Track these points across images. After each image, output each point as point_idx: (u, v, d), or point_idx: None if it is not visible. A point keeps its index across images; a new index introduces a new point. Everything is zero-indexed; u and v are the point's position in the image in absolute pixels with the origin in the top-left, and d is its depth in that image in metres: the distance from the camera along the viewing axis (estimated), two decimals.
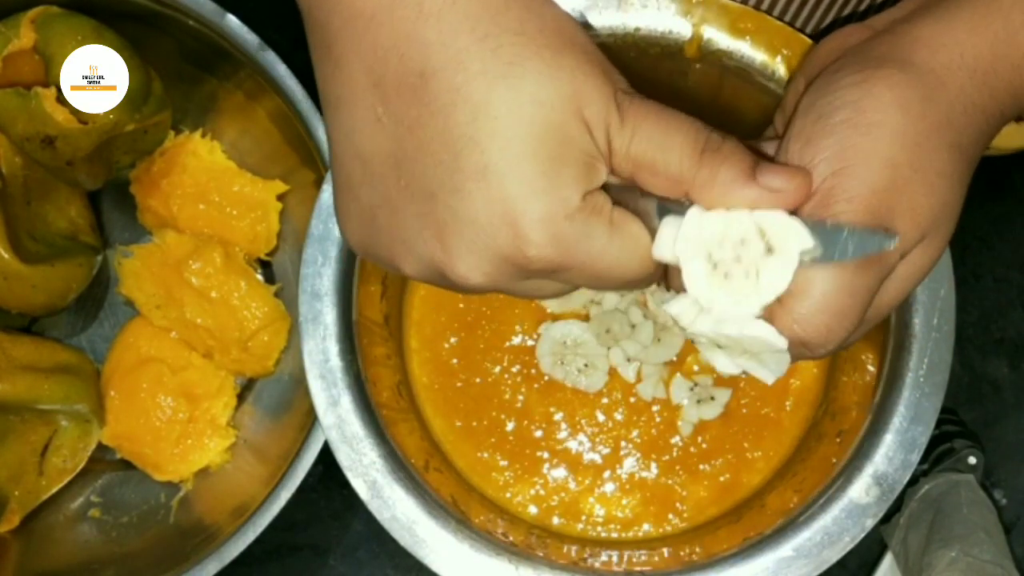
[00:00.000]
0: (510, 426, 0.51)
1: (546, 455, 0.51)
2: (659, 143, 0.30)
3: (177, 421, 0.57)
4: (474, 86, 0.28)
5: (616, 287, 0.31)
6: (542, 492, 0.51)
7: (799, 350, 0.32)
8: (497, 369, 0.51)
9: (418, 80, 0.28)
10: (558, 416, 0.51)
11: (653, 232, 0.31)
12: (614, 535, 0.50)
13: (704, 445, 0.51)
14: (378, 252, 0.32)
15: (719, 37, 0.45)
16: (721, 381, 0.51)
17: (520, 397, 0.51)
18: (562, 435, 0.51)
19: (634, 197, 0.31)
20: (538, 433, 0.51)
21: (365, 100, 0.30)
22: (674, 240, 0.31)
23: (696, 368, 0.51)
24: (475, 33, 0.28)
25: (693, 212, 0.31)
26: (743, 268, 0.30)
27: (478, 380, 0.51)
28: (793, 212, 0.31)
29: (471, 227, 0.29)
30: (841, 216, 0.31)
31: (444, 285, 0.31)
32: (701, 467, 0.50)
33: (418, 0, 0.28)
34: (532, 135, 0.28)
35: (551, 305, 0.52)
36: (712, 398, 0.50)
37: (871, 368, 0.46)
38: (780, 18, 0.46)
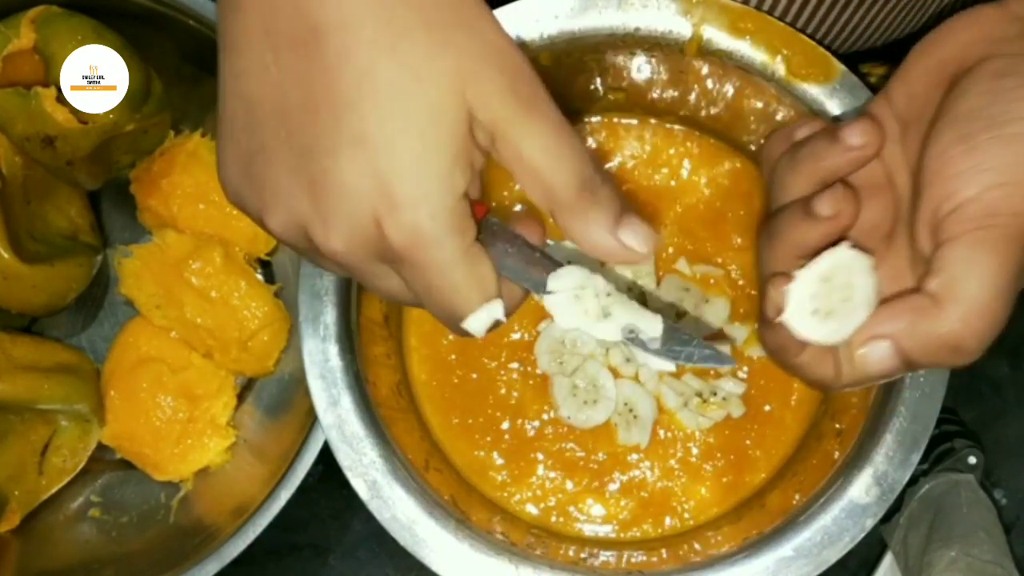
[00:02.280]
0: (506, 424, 0.51)
1: (541, 456, 0.51)
2: (554, 156, 0.30)
3: (177, 421, 0.57)
4: (362, 52, 0.28)
5: (440, 312, 0.31)
6: (540, 492, 0.51)
7: (950, 356, 0.32)
8: (494, 365, 0.51)
9: (310, 36, 0.29)
10: (555, 415, 0.51)
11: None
12: (613, 535, 0.50)
13: (706, 445, 0.51)
14: (247, 200, 0.32)
15: (719, 37, 0.45)
16: (716, 376, 0.51)
17: (515, 394, 0.51)
18: (559, 433, 0.51)
19: (500, 252, 0.32)
20: (533, 432, 0.51)
21: (257, 46, 0.30)
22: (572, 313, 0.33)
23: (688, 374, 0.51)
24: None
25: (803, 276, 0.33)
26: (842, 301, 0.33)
27: (475, 376, 0.51)
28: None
29: (340, 190, 0.29)
30: (999, 230, 0.31)
31: (303, 248, 0.31)
32: (704, 467, 0.50)
33: None
34: (410, 111, 0.28)
35: None
36: (712, 398, 0.50)
37: None
38: (780, 19, 0.46)
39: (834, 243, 0.34)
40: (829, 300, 0.33)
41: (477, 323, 0.32)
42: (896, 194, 0.35)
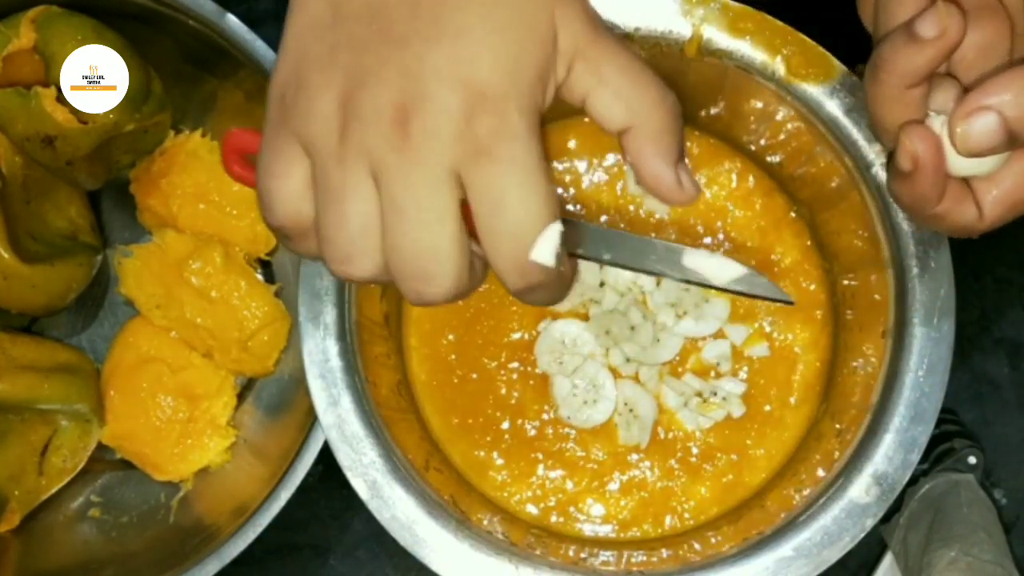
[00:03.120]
0: (506, 424, 0.51)
1: (541, 456, 0.51)
2: (633, 76, 0.32)
3: (177, 421, 0.57)
4: None
5: (509, 223, 0.29)
6: (540, 492, 0.51)
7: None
8: (494, 365, 0.51)
9: None
10: (555, 415, 0.51)
11: None
12: (613, 535, 0.50)
13: (706, 445, 0.51)
14: (321, 93, 0.30)
15: (719, 37, 0.45)
16: (713, 374, 0.51)
17: (516, 394, 0.51)
18: (559, 433, 0.51)
19: None
20: (533, 432, 0.51)
21: None
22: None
23: (689, 372, 0.51)
24: None
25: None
26: None
27: (475, 376, 0.51)
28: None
29: (435, 76, 0.29)
30: None
31: (354, 157, 0.29)
32: (704, 467, 0.50)
33: None
34: (509, 17, 0.29)
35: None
36: (712, 397, 0.50)
37: (873, 360, 0.46)
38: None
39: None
40: None
41: (547, 246, 0.30)
42: (1009, 11, 0.34)
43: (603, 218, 0.52)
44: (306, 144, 0.30)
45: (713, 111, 0.50)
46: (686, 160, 0.33)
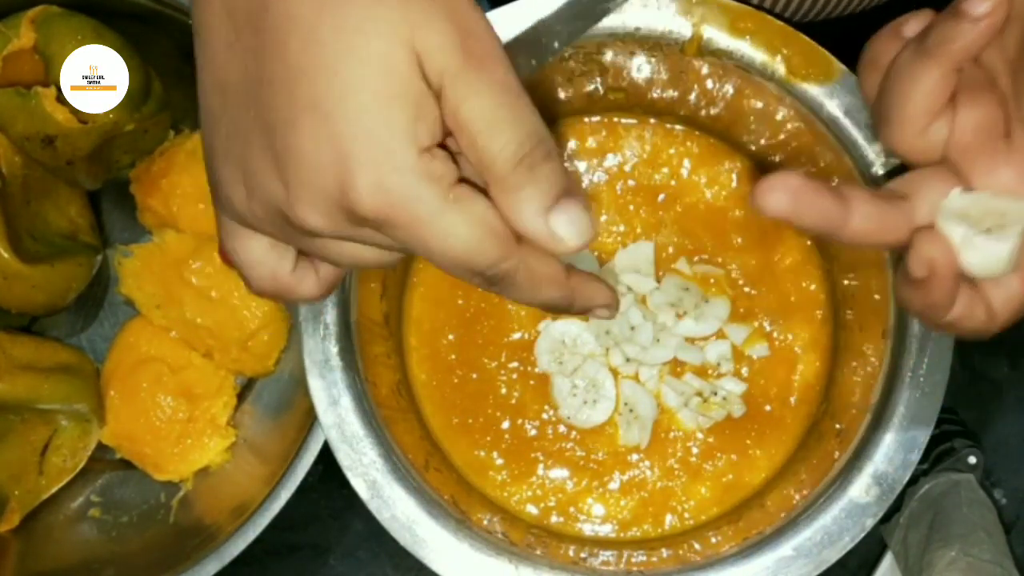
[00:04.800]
0: (506, 424, 0.51)
1: (541, 456, 0.51)
2: (492, 120, 0.28)
3: (177, 421, 0.57)
4: (305, 14, 0.28)
5: (452, 264, 0.29)
6: (540, 492, 0.51)
7: None
8: (494, 365, 0.51)
9: (261, 8, 0.28)
10: (555, 415, 0.51)
11: None
12: (613, 535, 0.50)
13: (706, 445, 0.51)
14: (232, 189, 0.30)
15: (719, 37, 0.45)
16: (705, 371, 0.51)
17: (516, 394, 0.51)
18: (559, 433, 0.51)
19: None
20: (533, 432, 0.51)
21: (221, 27, 0.29)
22: None
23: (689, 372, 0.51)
24: None
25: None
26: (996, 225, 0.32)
27: (475, 376, 0.51)
28: None
29: (304, 163, 0.28)
30: None
31: (290, 235, 0.30)
32: (704, 467, 0.50)
33: None
34: (358, 68, 0.27)
35: None
36: (713, 397, 0.50)
37: (873, 360, 0.46)
38: (781, 14, 0.46)
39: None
40: (981, 225, 0.32)
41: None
42: (1001, 94, 0.34)
43: (603, 218, 0.52)
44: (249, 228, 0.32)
45: (713, 111, 0.50)
46: (569, 200, 0.29)
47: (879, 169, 0.44)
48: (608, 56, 0.47)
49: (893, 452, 0.44)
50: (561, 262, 0.31)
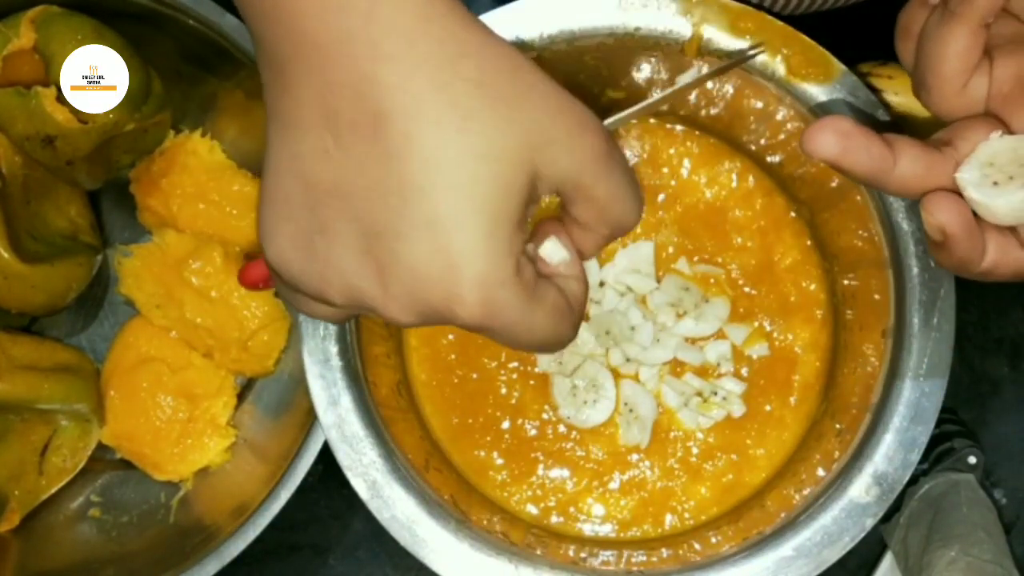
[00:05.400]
0: (506, 424, 0.51)
1: (541, 456, 0.51)
2: (624, 197, 0.32)
3: (177, 421, 0.57)
4: (428, 136, 0.28)
5: (534, 348, 0.32)
6: (540, 492, 0.51)
7: None
8: (494, 365, 0.51)
9: (372, 120, 0.28)
10: (555, 415, 0.51)
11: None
12: (613, 535, 0.50)
13: (706, 445, 0.51)
14: (308, 277, 0.31)
15: (719, 37, 0.45)
16: (706, 371, 0.51)
17: (516, 394, 0.51)
18: (559, 433, 0.51)
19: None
20: (533, 432, 0.51)
21: (315, 130, 0.29)
22: None
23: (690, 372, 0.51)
24: (433, 81, 0.28)
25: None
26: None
27: (475, 376, 0.51)
28: None
29: (411, 274, 0.29)
30: None
31: (363, 314, 0.32)
32: (704, 467, 0.50)
33: (373, 40, 0.28)
34: (479, 192, 0.28)
35: None
36: (713, 397, 0.50)
37: (873, 360, 0.46)
38: (780, 12, 0.46)
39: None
40: (1003, 173, 0.32)
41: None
42: None
43: None
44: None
45: (713, 111, 0.50)
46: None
47: None
48: (608, 56, 0.47)
49: (893, 452, 0.44)
50: None
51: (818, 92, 0.45)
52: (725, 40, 0.45)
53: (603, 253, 0.52)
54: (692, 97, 0.49)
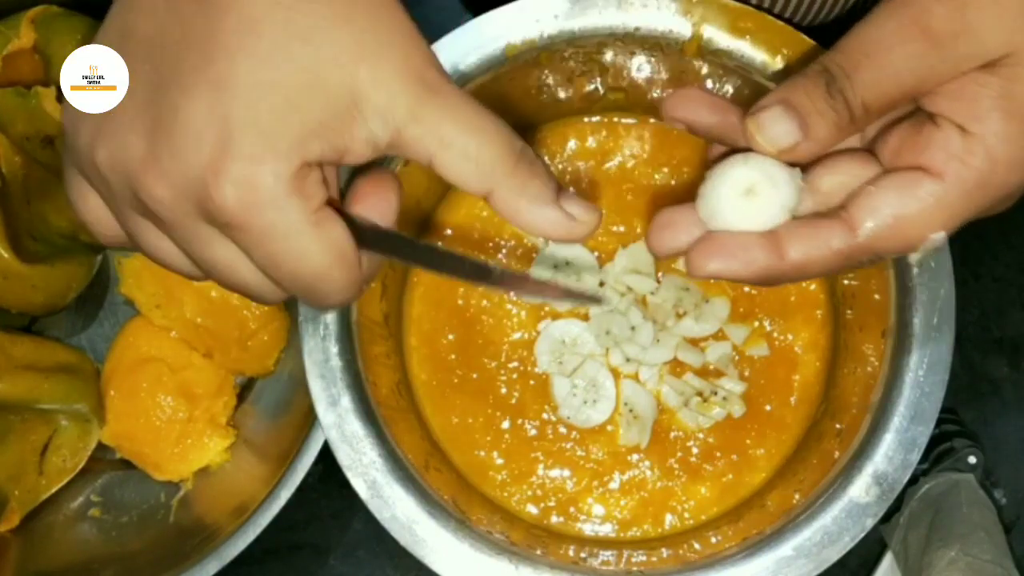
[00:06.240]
0: (506, 424, 0.51)
1: (541, 456, 0.51)
2: (479, 132, 0.29)
3: (177, 420, 0.57)
4: (257, 3, 0.27)
5: (295, 283, 0.29)
6: (540, 492, 0.51)
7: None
8: (494, 365, 0.51)
9: None
10: (555, 415, 0.51)
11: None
12: (613, 535, 0.50)
13: (706, 445, 0.51)
14: (83, 124, 0.30)
15: (719, 37, 0.45)
16: (712, 373, 0.51)
17: (516, 394, 0.51)
18: (559, 433, 0.51)
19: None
20: (533, 432, 0.51)
21: None
22: None
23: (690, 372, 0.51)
24: None
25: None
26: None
27: (475, 376, 0.51)
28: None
29: (183, 129, 0.27)
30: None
31: (117, 195, 0.29)
32: (704, 467, 0.50)
33: None
34: (285, 70, 0.27)
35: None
36: (713, 397, 0.50)
37: (873, 360, 0.46)
38: (781, 15, 0.46)
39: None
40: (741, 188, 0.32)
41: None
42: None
43: (602, 216, 0.52)
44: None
45: None
46: (564, 190, 0.31)
47: None
48: (608, 56, 0.48)
49: (893, 452, 0.44)
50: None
51: None
52: (725, 40, 0.45)
53: (603, 253, 0.52)
54: None
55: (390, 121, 0.28)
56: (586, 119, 0.52)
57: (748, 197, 0.32)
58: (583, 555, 0.48)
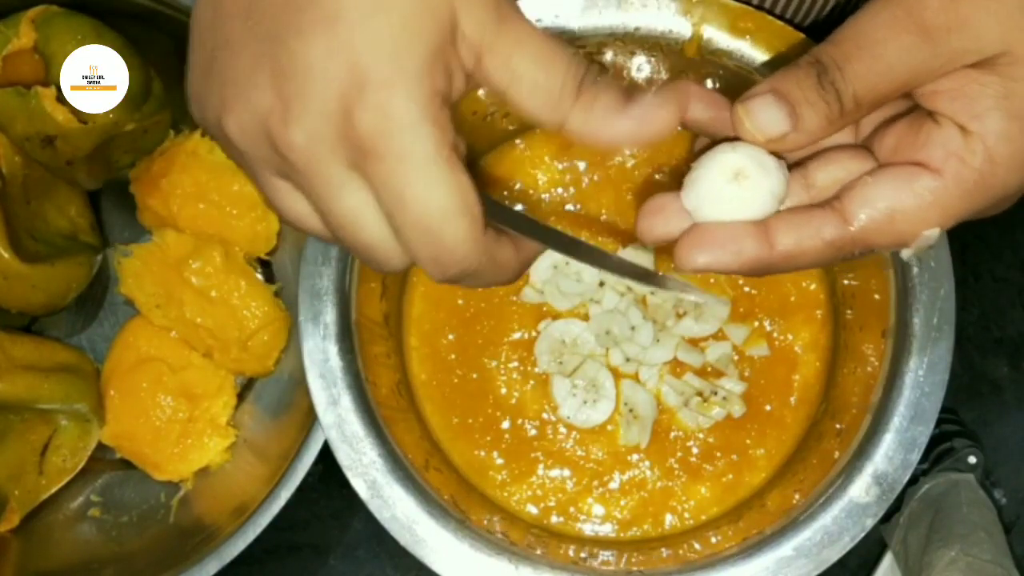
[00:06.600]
0: (506, 424, 0.51)
1: (541, 456, 0.51)
2: (545, 63, 0.28)
3: (177, 420, 0.57)
4: None
5: (417, 227, 0.28)
6: (540, 492, 0.51)
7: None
8: (494, 365, 0.51)
9: None
10: (555, 415, 0.51)
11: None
12: (613, 535, 0.50)
13: (706, 445, 0.51)
14: (207, 104, 0.29)
15: (719, 37, 0.45)
16: (713, 373, 0.51)
17: (516, 394, 0.51)
18: (559, 433, 0.51)
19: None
20: (533, 432, 0.51)
21: None
22: None
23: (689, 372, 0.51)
24: None
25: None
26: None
27: (475, 376, 0.51)
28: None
29: (307, 72, 0.26)
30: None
31: (261, 157, 0.28)
32: (704, 467, 0.50)
33: None
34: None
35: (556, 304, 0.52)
36: (713, 397, 0.50)
37: (873, 360, 0.46)
38: (782, 15, 0.46)
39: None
40: (729, 175, 0.32)
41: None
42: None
43: (602, 216, 0.52)
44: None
45: None
46: (629, 98, 0.30)
47: None
48: (608, 56, 0.48)
49: (893, 452, 0.44)
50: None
51: None
52: (725, 40, 0.45)
53: None
54: None
55: (474, 49, 0.28)
56: None
57: (737, 182, 0.31)
58: (583, 555, 0.48)
